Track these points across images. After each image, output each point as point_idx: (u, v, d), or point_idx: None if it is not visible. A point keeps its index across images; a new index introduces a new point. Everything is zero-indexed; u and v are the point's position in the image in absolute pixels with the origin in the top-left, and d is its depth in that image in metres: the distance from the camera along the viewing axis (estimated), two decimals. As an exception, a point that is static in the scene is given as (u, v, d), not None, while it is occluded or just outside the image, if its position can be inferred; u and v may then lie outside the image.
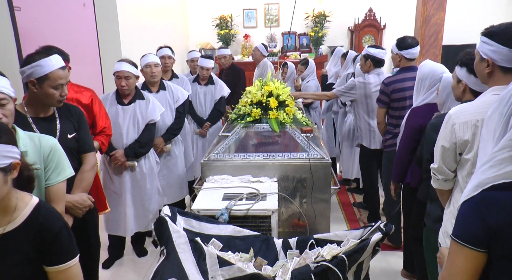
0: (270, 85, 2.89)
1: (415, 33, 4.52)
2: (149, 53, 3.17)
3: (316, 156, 2.45)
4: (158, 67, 3.11)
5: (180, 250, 1.63)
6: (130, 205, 2.85)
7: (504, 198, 0.95)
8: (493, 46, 1.50)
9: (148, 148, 2.87)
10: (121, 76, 2.71)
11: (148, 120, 2.82)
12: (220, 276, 1.58)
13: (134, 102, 2.80)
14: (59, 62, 1.83)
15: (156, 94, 3.12)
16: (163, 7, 5.55)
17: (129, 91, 2.79)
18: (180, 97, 3.21)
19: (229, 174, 2.46)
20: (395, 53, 3.01)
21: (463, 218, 1.01)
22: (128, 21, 4.14)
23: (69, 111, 2.01)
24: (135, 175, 2.85)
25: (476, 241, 0.97)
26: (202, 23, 7.04)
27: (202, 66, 3.82)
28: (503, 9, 6.60)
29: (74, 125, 2.00)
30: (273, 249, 1.93)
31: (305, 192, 2.44)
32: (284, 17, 7.00)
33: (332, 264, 1.61)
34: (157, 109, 2.87)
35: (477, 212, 0.98)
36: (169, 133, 3.15)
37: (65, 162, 1.63)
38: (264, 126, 2.75)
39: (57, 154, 1.58)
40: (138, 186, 2.87)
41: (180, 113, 3.21)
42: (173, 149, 3.25)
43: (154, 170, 2.98)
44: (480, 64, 1.60)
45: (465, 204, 1.02)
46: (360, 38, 6.69)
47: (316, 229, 2.43)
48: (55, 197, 1.59)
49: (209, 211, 2.05)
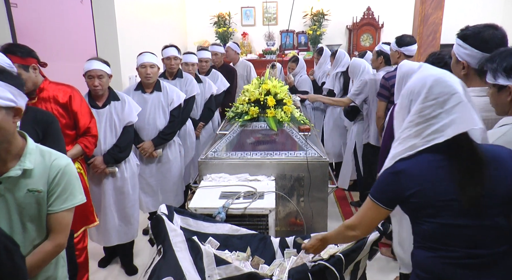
0: (268, 83, 2.88)
1: (413, 32, 4.52)
2: (146, 52, 3.01)
3: (313, 155, 2.45)
4: (154, 68, 2.96)
5: (177, 249, 1.62)
6: (113, 214, 2.70)
7: (409, 168, 1.25)
8: (468, 49, 1.57)
9: (128, 152, 2.69)
10: (93, 75, 2.51)
11: (125, 122, 2.65)
12: (217, 275, 1.57)
13: (109, 104, 2.62)
14: None
15: (149, 95, 3.00)
16: (161, 4, 5.52)
17: (103, 92, 2.58)
18: (175, 99, 3.07)
19: (227, 172, 2.46)
20: (394, 50, 3.13)
21: (380, 184, 1.33)
22: (125, 18, 4.12)
23: (35, 118, 1.81)
24: (116, 182, 2.68)
25: (387, 202, 1.31)
26: (200, 20, 7.01)
27: (187, 62, 3.63)
28: (500, 8, 6.60)
29: (38, 133, 1.80)
30: (270, 248, 1.93)
31: (303, 190, 2.44)
32: (282, 15, 6.99)
33: (329, 263, 1.61)
34: (134, 109, 2.70)
35: (390, 180, 1.29)
36: (159, 137, 3.00)
37: (76, 188, 1.43)
38: (262, 125, 2.74)
39: (65, 178, 1.40)
40: (120, 193, 2.70)
41: (174, 117, 3.07)
42: (166, 154, 3.10)
43: (135, 174, 2.82)
44: (456, 65, 1.64)
45: (383, 172, 1.32)
46: (358, 37, 6.68)
47: (314, 228, 2.43)
48: (56, 227, 1.40)
49: (206, 209, 2.04)
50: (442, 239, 1.23)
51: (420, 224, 1.26)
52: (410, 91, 1.29)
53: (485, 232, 1.20)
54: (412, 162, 1.25)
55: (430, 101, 1.22)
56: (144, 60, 2.93)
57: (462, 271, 1.21)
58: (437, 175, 1.22)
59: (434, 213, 1.22)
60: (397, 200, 1.29)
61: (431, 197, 1.21)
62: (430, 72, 1.28)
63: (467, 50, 1.57)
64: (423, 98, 1.23)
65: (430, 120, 1.22)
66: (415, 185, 1.23)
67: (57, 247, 1.40)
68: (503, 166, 1.21)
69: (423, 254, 1.28)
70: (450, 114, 1.19)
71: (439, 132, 1.20)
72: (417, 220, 1.27)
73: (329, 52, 4.67)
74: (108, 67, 2.59)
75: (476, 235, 1.20)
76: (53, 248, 1.39)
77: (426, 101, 1.23)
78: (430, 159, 1.24)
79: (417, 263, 1.32)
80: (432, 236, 1.24)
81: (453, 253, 1.22)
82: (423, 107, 1.23)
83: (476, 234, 1.20)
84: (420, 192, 1.22)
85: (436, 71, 1.28)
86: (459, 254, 1.21)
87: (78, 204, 1.43)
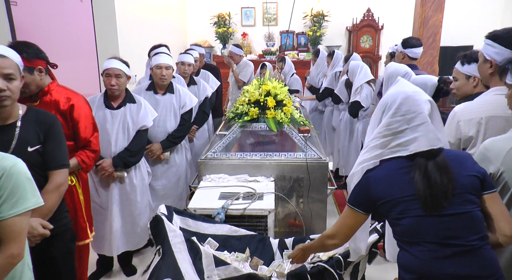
0: (268, 84, 2.88)
1: (413, 34, 4.52)
2: (162, 53, 2.93)
3: (313, 156, 2.45)
4: (169, 70, 2.87)
5: (176, 250, 1.62)
6: (118, 221, 2.56)
7: (377, 172, 1.37)
8: (497, 48, 1.62)
9: (139, 157, 2.58)
10: (111, 74, 2.44)
11: (139, 126, 2.53)
12: (216, 275, 1.57)
13: (124, 106, 2.52)
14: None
15: (161, 96, 2.92)
16: (161, 3, 5.52)
17: (119, 92, 2.50)
18: (188, 103, 2.99)
19: (226, 173, 2.45)
20: (399, 51, 3.24)
21: (354, 191, 1.43)
22: (125, 18, 4.11)
23: (37, 119, 1.72)
24: (124, 187, 2.55)
25: (363, 207, 1.40)
26: (200, 20, 7.01)
27: (183, 62, 3.48)
28: (500, 11, 6.62)
29: (39, 135, 1.70)
30: (269, 249, 1.93)
31: (302, 192, 2.44)
32: (282, 16, 6.99)
33: (328, 265, 1.61)
34: (150, 114, 2.60)
35: (363, 186, 1.39)
36: (169, 140, 2.90)
37: (27, 190, 1.27)
38: (262, 126, 2.74)
39: (12, 180, 1.22)
40: (127, 200, 2.58)
41: (185, 121, 2.98)
42: (173, 157, 3.01)
43: (146, 182, 2.71)
44: (483, 65, 1.70)
45: (359, 183, 1.42)
46: (358, 38, 6.69)
47: (313, 229, 2.43)
48: (6, 236, 1.22)
49: (205, 210, 2.04)
50: (415, 233, 1.29)
51: (395, 225, 1.34)
52: (384, 103, 1.40)
53: (455, 222, 1.26)
54: (379, 168, 1.39)
55: (398, 116, 1.34)
56: (160, 62, 2.85)
57: (439, 263, 1.25)
58: (403, 176, 1.32)
59: (404, 209, 1.30)
60: (370, 204, 1.38)
61: (399, 196, 1.30)
62: (403, 89, 1.38)
63: (496, 48, 1.62)
64: (392, 113, 1.35)
65: (396, 134, 1.34)
66: (383, 187, 1.34)
67: (10, 258, 1.23)
68: (461, 163, 1.32)
69: (402, 254, 1.34)
70: (414, 131, 1.31)
71: (403, 146, 1.33)
72: (392, 220, 1.34)
73: (325, 54, 4.74)
74: (127, 68, 2.51)
75: (447, 225, 1.26)
76: (4, 260, 1.21)
77: (395, 116, 1.35)
78: (396, 164, 1.35)
79: (399, 265, 1.37)
80: (406, 231, 1.30)
81: (429, 246, 1.27)
82: (392, 122, 1.35)
83: (447, 225, 1.26)
84: (388, 192, 1.32)
85: (409, 88, 1.38)
86: (433, 246, 1.26)
87: (33, 207, 1.28)
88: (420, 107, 1.32)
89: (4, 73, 1.53)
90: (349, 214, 1.43)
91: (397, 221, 1.32)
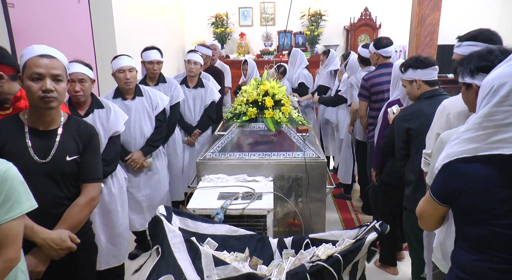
0: (266, 84, 2.88)
1: (411, 32, 4.53)
2: (122, 55, 2.76)
3: (311, 156, 2.45)
4: (133, 72, 2.71)
5: (176, 250, 1.62)
6: (103, 235, 2.40)
7: (465, 169, 1.21)
8: (479, 45, 1.72)
9: (115, 165, 2.39)
10: (74, 80, 2.23)
11: (111, 133, 2.34)
12: (215, 275, 1.57)
13: (92, 113, 2.33)
14: (41, 50, 1.54)
15: (131, 101, 2.75)
16: (159, 4, 5.52)
17: (85, 98, 2.30)
18: (160, 103, 2.85)
19: (225, 173, 2.46)
20: (373, 52, 3.36)
21: (437, 180, 1.31)
22: (123, 19, 4.11)
23: (78, 129, 1.70)
24: (103, 199, 2.35)
25: (442, 198, 1.31)
26: (198, 21, 7.01)
27: (190, 60, 3.41)
28: (497, 9, 6.63)
29: (79, 145, 1.68)
30: (268, 249, 1.93)
31: (301, 191, 2.44)
32: (280, 15, 6.99)
33: (328, 264, 1.61)
34: (121, 118, 2.40)
35: (447, 178, 1.27)
36: (149, 145, 2.79)
37: (21, 194, 1.25)
38: (260, 125, 2.75)
39: (7, 185, 1.21)
40: (107, 211, 2.39)
41: (160, 122, 2.86)
42: (154, 163, 2.88)
43: (123, 189, 2.52)
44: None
45: (441, 170, 1.29)
46: (355, 37, 6.69)
47: (312, 228, 2.43)
48: (4, 240, 1.22)
49: (204, 210, 2.04)
50: (486, 244, 1.22)
51: (467, 226, 1.26)
52: (489, 85, 1.16)
53: None
54: (475, 166, 1.19)
55: (506, 106, 1.11)
56: (122, 64, 2.69)
57: (499, 275, 1.21)
58: (493, 185, 1.17)
59: (485, 219, 1.20)
60: (451, 198, 1.27)
61: (486, 203, 1.19)
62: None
63: (479, 46, 1.70)
64: (498, 101, 1.12)
65: (500, 127, 1.13)
66: (471, 188, 1.20)
67: (8, 262, 1.23)
68: None
69: (465, 256, 1.28)
70: None
71: (507, 143, 1.12)
72: (465, 221, 1.27)
73: (335, 54, 4.70)
74: (91, 71, 2.32)
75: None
76: (2, 264, 1.22)
77: (501, 105, 1.12)
78: (491, 169, 1.17)
79: (457, 264, 1.32)
80: (477, 239, 1.24)
81: (494, 258, 1.21)
82: (496, 111, 1.13)
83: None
84: (474, 196, 1.20)
85: None
86: (498, 259, 1.21)
87: (27, 211, 1.28)
88: None
89: (52, 73, 1.53)
90: (431, 204, 1.35)
91: (472, 226, 1.24)
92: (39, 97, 1.52)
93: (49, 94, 1.52)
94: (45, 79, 1.52)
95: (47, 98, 1.52)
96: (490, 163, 1.17)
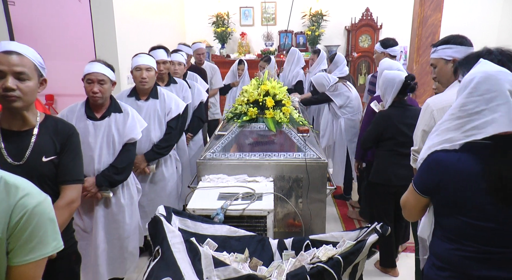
0: (267, 84, 2.87)
1: (412, 33, 4.52)
2: (142, 53, 2.69)
3: (312, 156, 2.44)
4: (151, 72, 2.63)
5: (175, 250, 1.61)
6: (103, 246, 2.25)
7: (445, 160, 1.28)
8: (453, 48, 1.88)
9: (127, 174, 2.26)
10: (92, 80, 2.13)
11: (126, 139, 2.23)
12: (215, 276, 1.56)
13: (109, 116, 2.21)
14: (8, 46, 1.46)
15: (144, 102, 2.66)
16: (159, 3, 5.51)
17: (103, 101, 2.20)
18: (174, 109, 2.72)
19: (225, 173, 2.45)
20: (380, 52, 3.45)
21: (419, 172, 1.38)
22: (124, 17, 4.10)
23: (56, 128, 1.61)
24: (111, 208, 2.25)
25: (423, 190, 1.36)
26: (198, 20, 7.00)
27: (172, 61, 3.27)
28: (498, 11, 6.62)
29: (56, 145, 1.59)
30: (268, 250, 1.92)
31: (301, 192, 2.44)
32: (281, 15, 6.99)
33: (328, 266, 1.60)
34: (138, 124, 2.30)
35: (428, 169, 1.34)
36: (154, 151, 2.64)
37: (48, 233, 1.05)
38: (261, 126, 2.74)
39: (33, 221, 1.02)
40: (114, 222, 2.27)
41: (171, 129, 2.71)
42: (161, 170, 2.76)
43: (135, 200, 2.40)
44: (445, 66, 1.92)
45: (423, 162, 1.36)
46: (356, 38, 6.69)
47: (312, 229, 2.42)
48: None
49: (204, 210, 2.03)
50: (463, 235, 1.28)
51: (445, 217, 1.32)
52: (461, 84, 1.30)
53: (504, 234, 1.24)
54: (453, 156, 1.27)
55: (475, 96, 1.23)
56: (140, 62, 2.61)
57: (475, 264, 1.27)
58: (473, 175, 1.24)
59: (462, 212, 1.27)
60: (432, 189, 1.33)
61: (463, 196, 1.25)
62: (483, 68, 1.26)
63: (453, 48, 1.88)
64: (468, 93, 1.25)
65: (472, 116, 1.23)
66: (450, 179, 1.26)
67: None
68: None
69: (441, 245, 1.35)
70: (493, 112, 1.19)
71: (479, 129, 1.21)
72: (443, 212, 1.33)
73: (325, 55, 4.76)
74: (112, 72, 2.23)
75: (495, 236, 1.25)
76: None
77: (471, 96, 1.24)
78: (469, 159, 1.25)
79: (434, 253, 1.39)
80: (453, 230, 1.30)
81: (469, 248, 1.28)
82: (467, 102, 1.25)
83: (496, 235, 1.25)
84: (454, 187, 1.26)
85: (491, 68, 1.25)
86: (474, 249, 1.27)
87: (51, 254, 1.07)
88: (502, 86, 1.19)
89: (15, 71, 1.44)
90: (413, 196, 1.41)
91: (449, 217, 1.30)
92: (1, 95, 1.44)
93: (9, 93, 1.43)
94: (6, 77, 1.44)
95: (7, 97, 1.44)
96: (470, 154, 1.25)
